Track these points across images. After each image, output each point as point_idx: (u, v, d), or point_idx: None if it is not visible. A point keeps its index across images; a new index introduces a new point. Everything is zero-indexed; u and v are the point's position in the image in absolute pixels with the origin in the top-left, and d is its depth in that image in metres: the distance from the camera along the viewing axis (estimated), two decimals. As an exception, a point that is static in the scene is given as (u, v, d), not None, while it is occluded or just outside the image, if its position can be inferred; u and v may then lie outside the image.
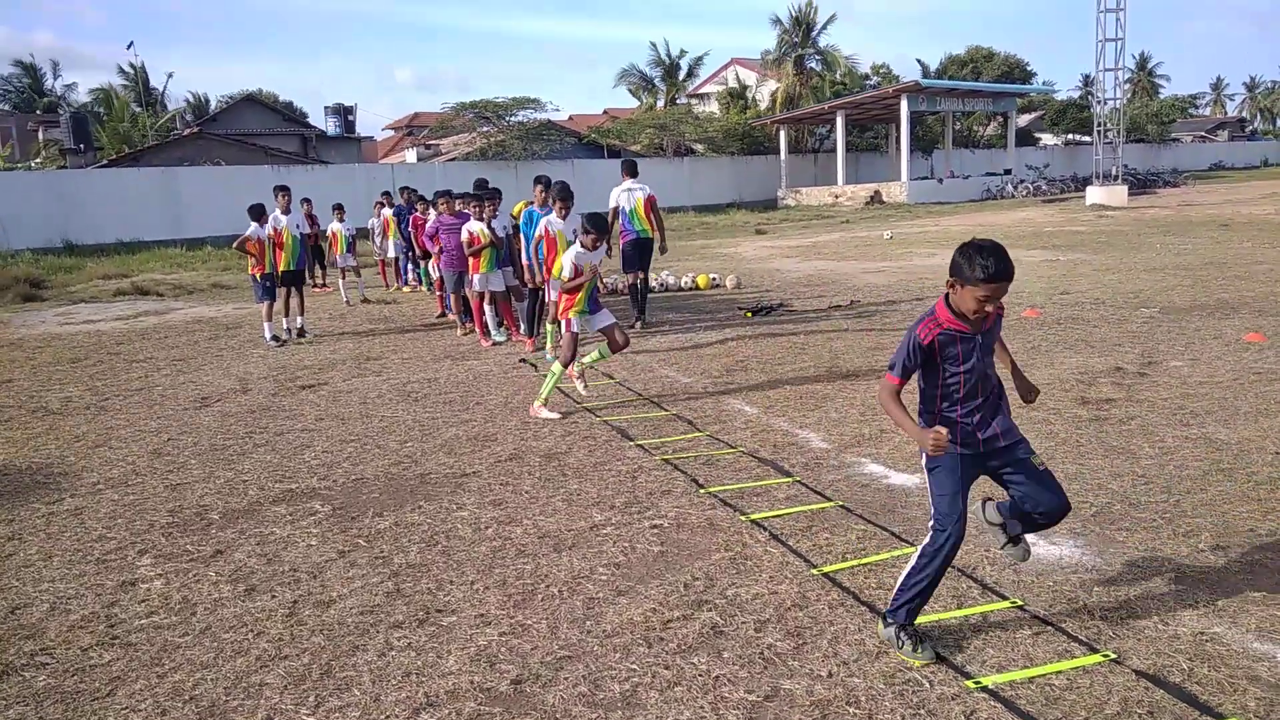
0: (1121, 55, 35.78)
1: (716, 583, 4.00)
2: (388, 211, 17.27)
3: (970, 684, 3.08)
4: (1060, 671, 3.15)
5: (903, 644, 3.31)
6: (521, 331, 10.57)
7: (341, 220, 16.01)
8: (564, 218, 9.05)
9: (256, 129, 40.69)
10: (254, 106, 45.21)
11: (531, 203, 10.24)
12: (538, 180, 10.17)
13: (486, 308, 10.66)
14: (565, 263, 7.11)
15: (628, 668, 3.32)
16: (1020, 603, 3.66)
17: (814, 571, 4.05)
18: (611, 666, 3.34)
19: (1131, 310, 10.42)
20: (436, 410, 7.50)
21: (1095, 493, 4.81)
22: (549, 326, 9.41)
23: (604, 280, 13.95)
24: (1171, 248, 17.25)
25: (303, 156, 38.84)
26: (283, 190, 11.88)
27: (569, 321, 7.19)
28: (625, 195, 11.40)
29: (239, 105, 45.32)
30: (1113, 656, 3.23)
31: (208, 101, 55.10)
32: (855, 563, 4.13)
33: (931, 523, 3.32)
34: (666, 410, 7.12)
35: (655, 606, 3.79)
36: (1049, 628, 3.45)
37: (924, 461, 3.39)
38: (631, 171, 11.64)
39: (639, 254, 11.41)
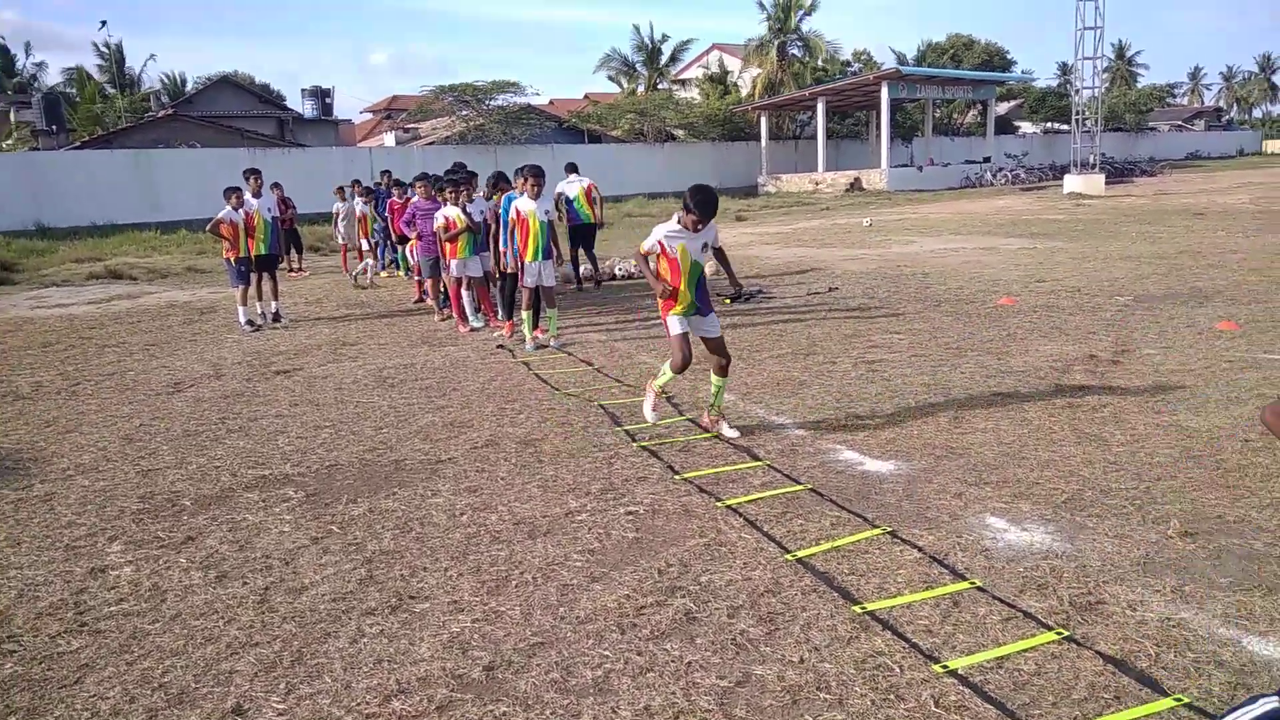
0: (1100, 44, 35.89)
1: (690, 569, 4.01)
2: (340, 205, 17.38)
3: (938, 668, 3.11)
4: (1028, 657, 3.18)
5: None
6: (499, 317, 10.52)
7: (367, 202, 16.20)
8: (535, 198, 8.97)
9: (232, 111, 40.22)
10: (230, 88, 44.67)
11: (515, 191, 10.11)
12: (519, 171, 9.98)
13: (464, 293, 10.60)
14: (651, 239, 5.70)
15: (600, 654, 3.33)
16: (982, 585, 3.69)
17: (788, 557, 4.06)
18: (584, 653, 3.34)
19: (1106, 298, 10.49)
20: (412, 396, 7.46)
21: (1067, 479, 4.85)
22: (525, 314, 9.36)
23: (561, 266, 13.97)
24: (1147, 236, 17.38)
25: (279, 139, 38.44)
26: (253, 173, 11.76)
27: (670, 322, 5.76)
28: (569, 186, 13.58)
29: (215, 87, 44.76)
30: (1080, 641, 3.26)
31: (184, 82, 54.35)
32: (828, 546, 4.15)
33: None
34: (643, 397, 7.10)
35: (629, 593, 3.79)
36: (1018, 613, 3.48)
37: None
38: (574, 170, 14.08)
39: (582, 237, 13.80)
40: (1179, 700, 2.90)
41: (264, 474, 5.63)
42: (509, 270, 9.81)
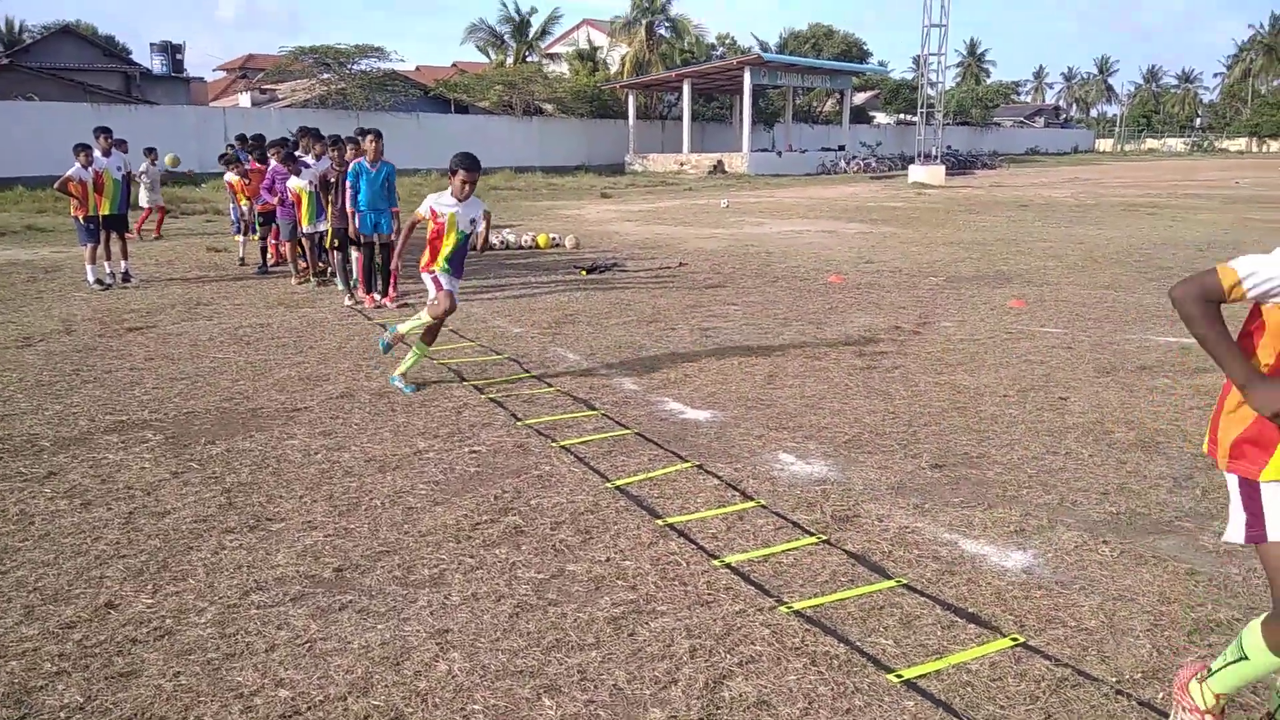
0: (945, 41, 38.12)
1: (523, 494, 4.60)
2: (149, 166, 17.37)
3: (717, 562, 3.80)
4: (790, 554, 3.91)
5: None
6: (354, 286, 10.50)
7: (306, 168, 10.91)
8: (462, 199, 6.39)
9: (74, 64, 38.05)
10: (71, 39, 42.11)
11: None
12: (363, 134, 10.03)
13: (354, 254, 10.42)
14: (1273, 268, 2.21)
15: (438, 558, 3.88)
16: (765, 504, 4.42)
17: (608, 485, 4.70)
18: (424, 557, 3.89)
19: (922, 278, 11.61)
20: (269, 353, 7.75)
21: (851, 425, 5.67)
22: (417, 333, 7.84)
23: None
24: (973, 225, 18.92)
25: (126, 96, 36.67)
26: (104, 132, 11.58)
27: None
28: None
29: (55, 37, 42.12)
30: (833, 543, 4.02)
31: (20, 31, 50.84)
32: (644, 477, 4.81)
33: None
34: (496, 355, 7.63)
35: (466, 513, 4.35)
36: (788, 524, 4.22)
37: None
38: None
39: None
40: (898, 581, 3.67)
41: (122, 419, 5.89)
42: (362, 240, 9.94)
